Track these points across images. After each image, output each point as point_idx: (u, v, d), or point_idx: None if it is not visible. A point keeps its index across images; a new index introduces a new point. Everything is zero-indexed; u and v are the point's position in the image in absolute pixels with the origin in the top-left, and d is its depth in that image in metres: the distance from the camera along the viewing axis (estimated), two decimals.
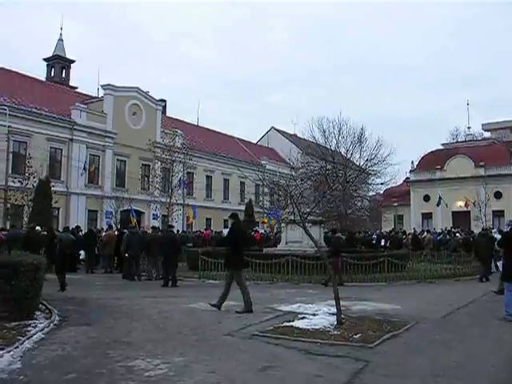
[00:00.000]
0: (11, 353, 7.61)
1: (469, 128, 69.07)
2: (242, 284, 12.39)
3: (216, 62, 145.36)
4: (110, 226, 27.99)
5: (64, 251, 16.57)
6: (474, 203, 50.60)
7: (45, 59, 66.29)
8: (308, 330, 9.61)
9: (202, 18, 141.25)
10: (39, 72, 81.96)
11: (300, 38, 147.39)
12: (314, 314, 11.20)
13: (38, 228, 22.55)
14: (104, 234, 26.12)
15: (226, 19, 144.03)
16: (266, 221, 46.67)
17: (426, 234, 34.00)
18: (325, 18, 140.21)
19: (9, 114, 31.40)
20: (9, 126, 30.80)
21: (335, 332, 9.42)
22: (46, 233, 21.08)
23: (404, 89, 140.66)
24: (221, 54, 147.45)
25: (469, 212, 52.64)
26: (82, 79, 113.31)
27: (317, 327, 9.78)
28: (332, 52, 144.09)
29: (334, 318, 10.24)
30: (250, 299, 12.11)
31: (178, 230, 30.59)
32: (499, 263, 17.71)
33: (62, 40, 67.02)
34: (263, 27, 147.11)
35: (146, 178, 45.07)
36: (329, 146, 44.83)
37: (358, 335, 9.08)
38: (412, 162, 61.55)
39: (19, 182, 30.41)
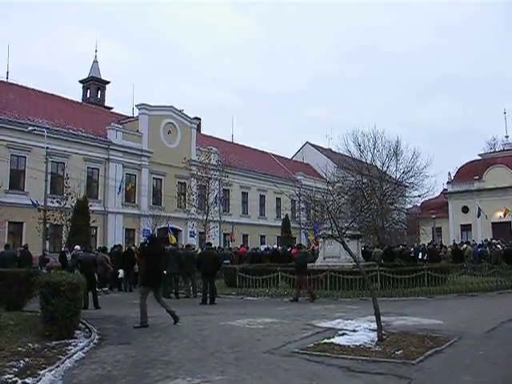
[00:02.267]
0: (53, 372, 7.66)
1: (507, 137, 67.70)
2: (142, 299, 12.82)
3: (252, 76, 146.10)
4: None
5: (84, 271, 16.43)
6: None
7: (80, 81, 67.57)
8: (349, 346, 9.47)
9: (237, 33, 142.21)
10: (76, 93, 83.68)
11: (337, 49, 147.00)
12: (354, 330, 11.05)
13: (77, 247, 22.85)
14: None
15: (261, 33, 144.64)
16: (312, 238, 44.56)
17: (465, 245, 33.39)
18: (361, 28, 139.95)
19: (47, 136, 31.88)
20: (47, 148, 31.25)
21: (376, 348, 9.25)
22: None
23: (440, 99, 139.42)
24: (256, 69, 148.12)
25: (509, 223, 51.59)
26: (117, 99, 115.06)
27: (357, 344, 9.63)
28: (368, 62, 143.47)
29: (374, 334, 10.08)
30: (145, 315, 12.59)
31: (215, 247, 30.60)
32: None
33: (97, 62, 68.33)
34: (300, 39, 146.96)
35: (183, 196, 45.29)
36: (364, 160, 44.65)
37: (399, 351, 8.90)
38: (449, 174, 60.81)
39: (57, 202, 30.83)
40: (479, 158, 63.45)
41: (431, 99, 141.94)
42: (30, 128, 32.09)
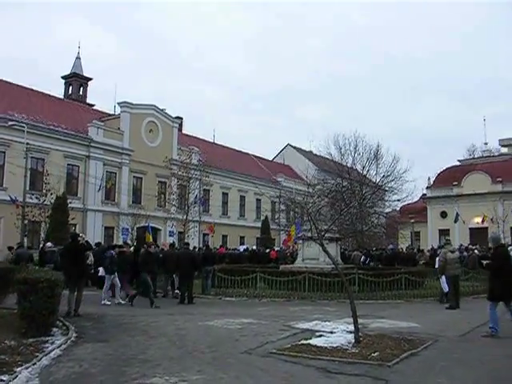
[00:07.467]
0: (29, 369, 7.61)
1: (486, 144, 68.71)
2: (69, 292, 13.75)
3: (239, 74, 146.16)
4: (126, 243, 27.96)
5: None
6: (491, 219, 50.06)
7: (63, 77, 67.00)
8: (326, 348, 9.53)
9: (230, 30, 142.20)
10: (58, 88, 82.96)
11: (331, 48, 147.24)
12: (331, 332, 11.12)
13: (49, 244, 22.68)
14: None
15: (254, 32, 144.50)
16: (292, 232, 44.03)
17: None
18: (351, 32, 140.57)
19: (27, 132, 31.64)
20: (27, 143, 31.02)
21: (353, 350, 9.33)
22: None
23: (422, 104, 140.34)
24: (244, 68, 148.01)
25: (486, 228, 51.96)
26: (100, 95, 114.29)
27: (334, 345, 9.70)
28: (358, 64, 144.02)
29: (351, 336, 10.15)
30: (71, 306, 13.57)
31: (195, 247, 30.51)
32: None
33: (80, 58, 67.80)
34: (294, 41, 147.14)
35: (163, 195, 45.19)
36: (345, 163, 44.89)
37: (376, 353, 8.99)
38: (428, 179, 61.35)
39: (37, 198, 30.64)
40: (458, 163, 64.12)
41: (417, 104, 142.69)
42: (10, 123, 31.85)
